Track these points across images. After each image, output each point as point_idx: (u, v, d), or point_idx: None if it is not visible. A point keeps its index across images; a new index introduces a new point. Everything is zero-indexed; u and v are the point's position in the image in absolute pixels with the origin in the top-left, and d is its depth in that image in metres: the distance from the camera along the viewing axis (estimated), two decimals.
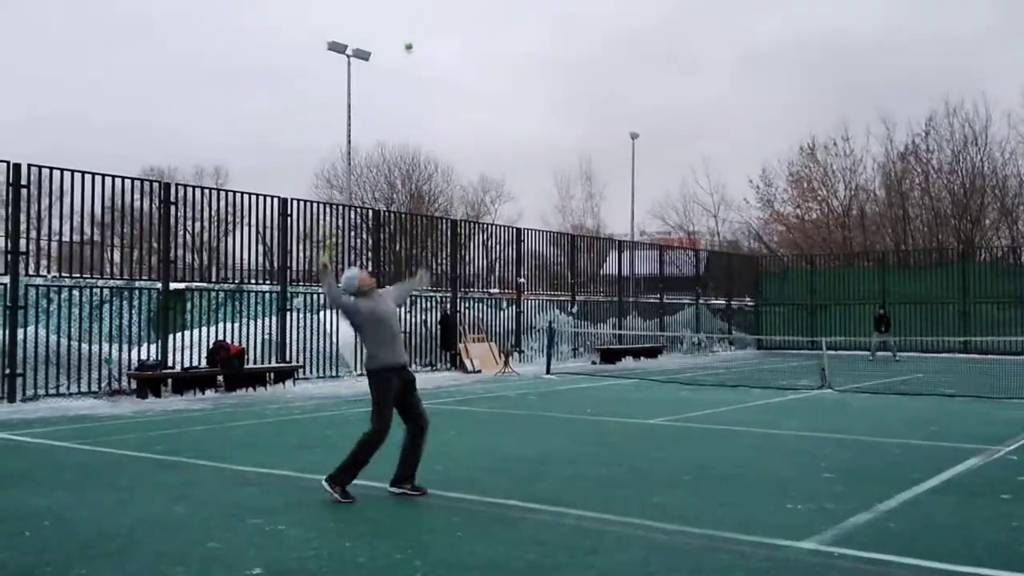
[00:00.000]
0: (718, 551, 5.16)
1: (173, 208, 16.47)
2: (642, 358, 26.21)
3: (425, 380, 18.60)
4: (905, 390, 16.16)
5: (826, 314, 32.64)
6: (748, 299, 34.78)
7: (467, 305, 22.53)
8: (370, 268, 20.77)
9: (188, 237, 18.63)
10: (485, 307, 23.17)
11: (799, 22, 79.61)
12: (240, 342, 16.67)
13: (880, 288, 31.78)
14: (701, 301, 31.97)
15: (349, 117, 32.90)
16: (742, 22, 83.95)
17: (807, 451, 9.00)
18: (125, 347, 15.43)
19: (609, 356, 25.10)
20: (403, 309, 20.50)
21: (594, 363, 24.64)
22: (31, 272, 14.59)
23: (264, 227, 18.06)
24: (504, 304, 23.83)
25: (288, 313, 17.91)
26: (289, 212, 18.23)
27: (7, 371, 13.81)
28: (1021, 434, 10.10)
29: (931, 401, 14.21)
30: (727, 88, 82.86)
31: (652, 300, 29.84)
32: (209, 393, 15.44)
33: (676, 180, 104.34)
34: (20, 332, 14.02)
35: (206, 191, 18.12)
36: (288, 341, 17.78)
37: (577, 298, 26.22)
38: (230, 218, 18.08)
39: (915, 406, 13.46)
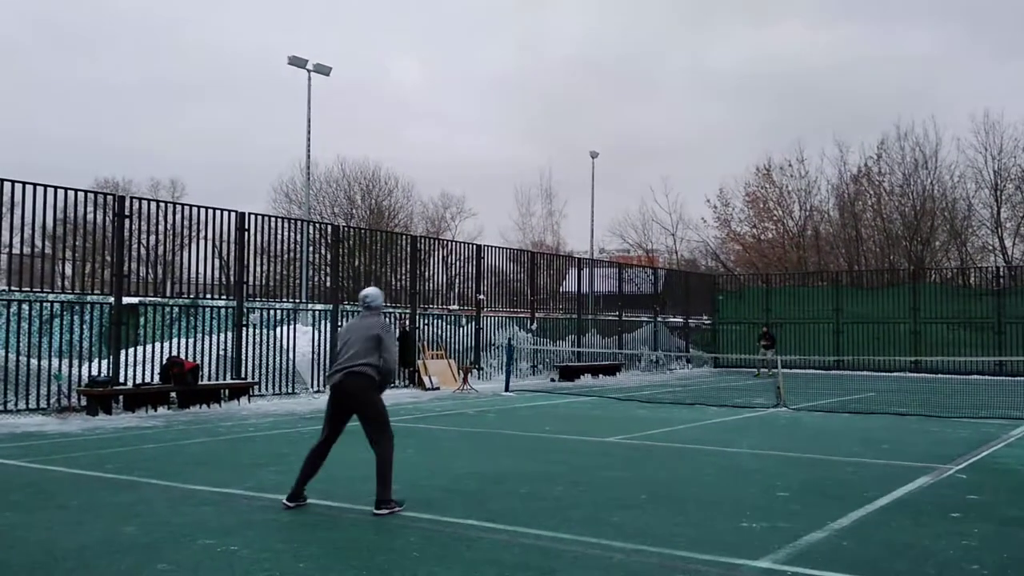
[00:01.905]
0: (674, 570, 5.18)
1: (127, 221, 16.20)
2: (601, 375, 26.31)
3: (383, 397, 18.47)
4: (858, 409, 16.40)
5: (781, 333, 33.07)
6: (705, 317, 35.13)
7: (426, 321, 22.45)
8: (328, 283, 20.61)
9: (142, 251, 18.33)
10: (444, 323, 23.10)
11: (758, 48, 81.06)
12: (194, 358, 16.40)
13: (834, 307, 32.30)
14: (659, 319, 32.22)
15: (309, 132, 32.73)
16: (702, 47, 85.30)
17: (762, 469, 9.09)
18: (75, 363, 15.09)
19: (568, 373, 25.15)
20: None
21: (553, 380, 24.68)
22: None
23: (221, 241, 17.84)
24: (463, 321, 23.78)
25: (244, 329, 17.68)
26: (246, 227, 18.04)
27: None
28: (970, 453, 10.31)
29: (883, 420, 14.45)
30: (686, 110, 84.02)
31: (611, 317, 29.99)
32: (162, 410, 15.16)
33: (635, 199, 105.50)
34: None
35: (161, 204, 17.87)
36: (244, 357, 17.54)
37: (536, 315, 26.27)
38: (186, 232, 17.83)
39: (867, 425, 13.67)
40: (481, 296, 24.32)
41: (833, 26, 79.78)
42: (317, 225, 24.01)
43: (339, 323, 19.61)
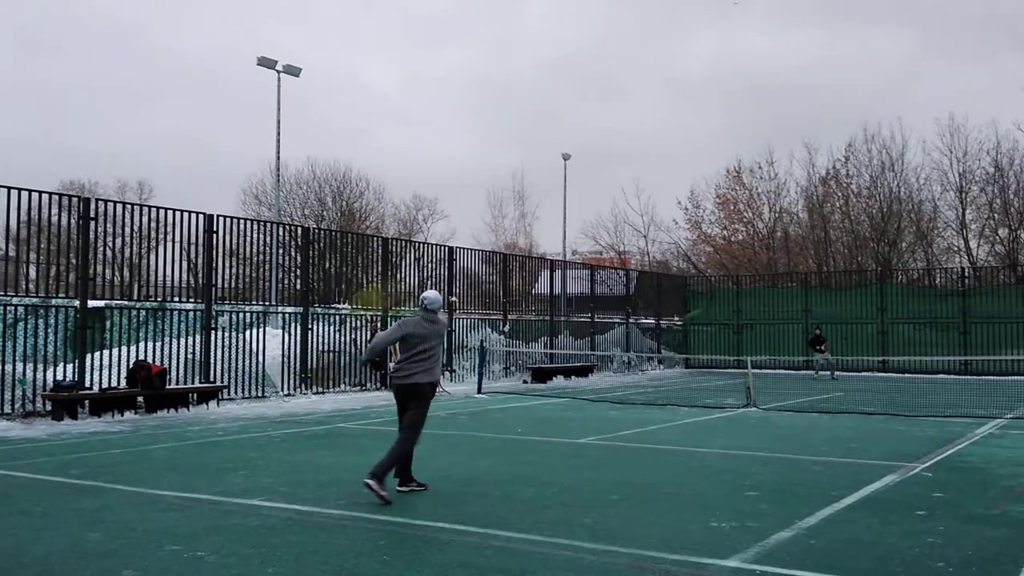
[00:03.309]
0: (644, 570, 5.19)
1: (93, 223, 15.98)
2: (573, 377, 26.36)
3: (354, 400, 18.39)
4: (826, 408, 16.57)
5: (751, 333, 33.34)
6: (677, 318, 35.32)
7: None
8: (299, 286, 20.48)
9: (109, 253, 18.08)
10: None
11: (727, 51, 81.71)
12: (162, 361, 16.22)
13: (803, 308, 32.62)
14: (631, 320, 32.35)
15: (279, 133, 32.51)
16: (673, 50, 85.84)
17: (732, 469, 9.15)
18: (40, 367, 14.84)
19: (540, 375, 25.17)
20: (332, 328, 20.25)
21: (525, 382, 24.68)
22: None
23: (189, 244, 17.65)
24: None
25: (213, 332, 17.51)
26: (215, 228, 17.86)
27: None
28: (935, 451, 10.44)
29: (851, 419, 14.60)
30: (658, 112, 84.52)
31: (583, 319, 30.06)
32: (128, 415, 14.96)
33: (607, 201, 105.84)
34: None
35: (128, 206, 17.65)
36: (212, 361, 17.37)
37: (509, 317, 26.26)
38: (153, 234, 17.62)
39: (835, 424, 13.81)
40: (453, 298, 24.26)
41: (801, 29, 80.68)
42: (287, 227, 23.83)
43: (309, 326, 19.48)
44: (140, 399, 15.42)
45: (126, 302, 16.81)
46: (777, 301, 33.72)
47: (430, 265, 24.41)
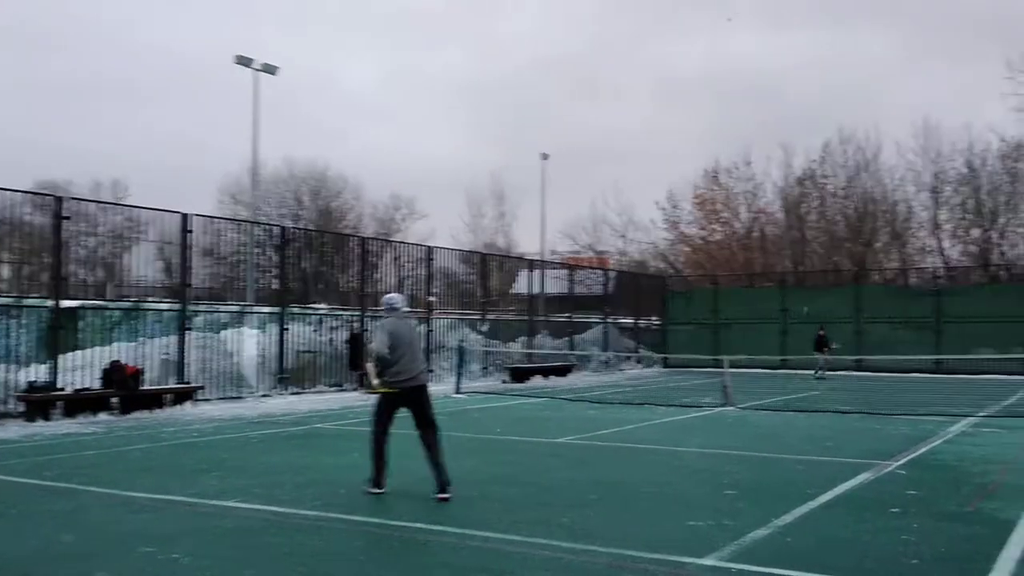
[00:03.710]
0: (622, 569, 5.20)
1: (66, 223, 15.80)
2: (551, 377, 26.36)
3: (331, 400, 18.29)
4: (802, 407, 16.69)
5: (729, 333, 33.49)
6: (655, 318, 35.44)
7: (376, 323, 22.25)
8: (275, 285, 20.36)
9: (82, 253, 17.89)
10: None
11: (709, 54, 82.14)
12: (137, 362, 16.05)
13: (780, 308, 32.82)
14: (609, 320, 32.43)
15: (256, 132, 32.27)
16: (651, 52, 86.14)
17: (709, 468, 9.19)
18: (13, 368, 14.65)
19: (519, 375, 25.16)
20: (309, 328, 20.14)
21: (504, 382, 24.67)
22: None
23: (164, 243, 17.49)
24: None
25: (188, 332, 17.36)
26: (190, 228, 17.71)
27: None
28: (910, 449, 10.55)
29: (827, 418, 14.71)
30: (639, 114, 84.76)
31: (562, 319, 30.10)
32: (103, 416, 14.79)
33: (586, 201, 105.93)
34: None
35: (102, 205, 17.47)
36: (188, 361, 17.22)
37: (488, 317, 26.25)
38: (128, 233, 17.44)
39: (812, 423, 13.91)
40: (432, 298, 24.21)
41: (777, 32, 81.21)
42: (264, 226, 23.68)
43: (286, 326, 19.37)
44: (114, 400, 15.25)
45: (100, 302, 16.66)
46: (754, 301, 33.91)
47: (408, 264, 24.35)
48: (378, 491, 7.57)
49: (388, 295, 8.40)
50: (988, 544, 5.81)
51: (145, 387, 15.84)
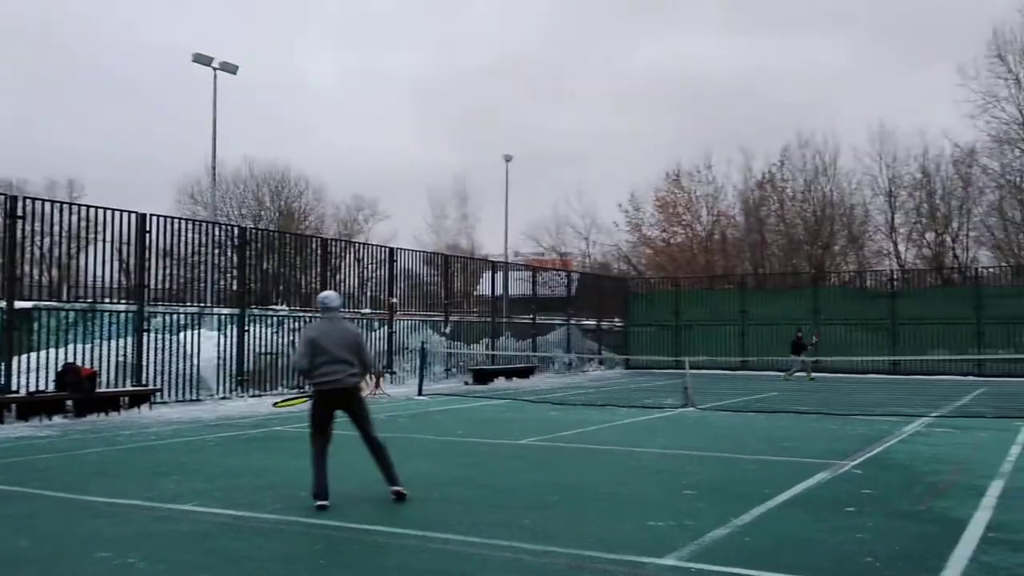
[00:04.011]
0: (582, 570, 5.23)
1: (21, 222, 15.49)
2: (514, 378, 26.39)
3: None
4: (762, 408, 16.89)
5: (690, 334, 33.79)
6: (617, 320, 35.64)
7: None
8: (235, 287, 20.13)
9: (37, 253, 17.52)
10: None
11: (665, 57, 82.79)
12: (93, 364, 15.78)
13: (739, 310, 33.19)
14: (572, 321, 32.54)
15: (215, 131, 31.89)
16: (614, 54, 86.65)
17: (669, 469, 9.27)
18: None
19: (482, 377, 25.15)
20: (269, 330, 19.94)
21: (467, 384, 24.64)
22: None
23: (121, 243, 17.21)
24: (376, 324, 23.54)
25: (146, 334, 17.11)
26: (148, 228, 17.46)
27: None
28: (865, 449, 10.72)
29: (785, 418, 14.91)
30: (601, 115, 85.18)
31: (525, 320, 30.14)
32: (57, 419, 14.53)
33: (549, 202, 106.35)
34: None
35: (57, 205, 17.14)
36: (145, 363, 16.97)
37: (451, 318, 26.21)
38: (84, 233, 17.14)
39: (770, 423, 14.08)
40: (394, 299, 24.12)
41: (737, 36, 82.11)
42: (223, 227, 23.39)
43: (245, 327, 19.18)
44: (69, 403, 14.99)
45: (55, 303, 16.31)
46: (715, 303, 34.25)
47: (371, 266, 24.22)
48: (320, 503, 6.99)
49: (322, 294, 7.91)
50: (940, 543, 5.92)
51: (101, 389, 15.58)
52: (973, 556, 5.55)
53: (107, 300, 17.09)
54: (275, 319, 20.19)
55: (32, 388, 14.84)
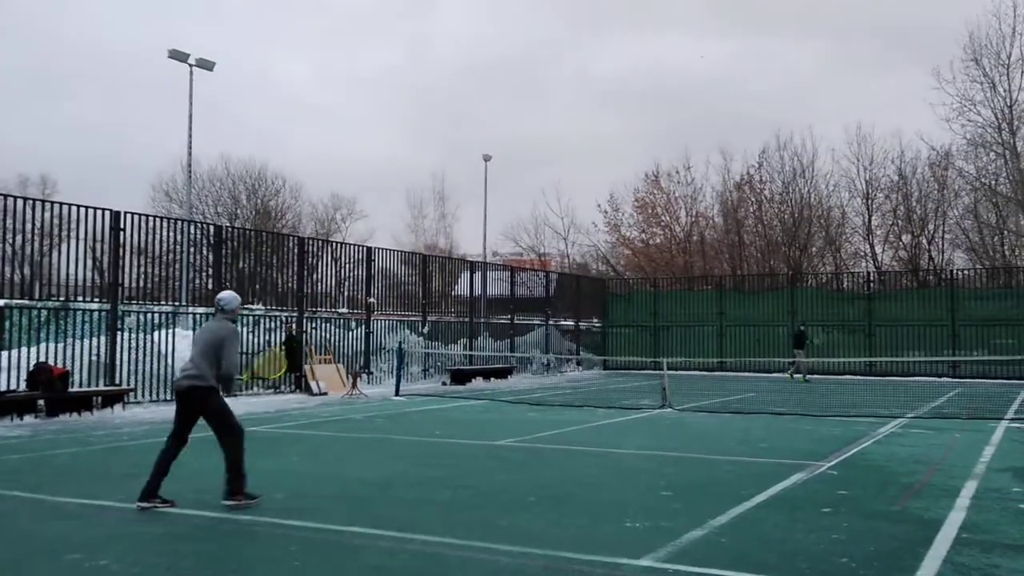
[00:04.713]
0: (559, 571, 5.20)
1: None
2: (492, 379, 26.35)
3: (268, 403, 18.00)
4: (739, 409, 16.96)
5: (668, 335, 33.90)
6: (596, 320, 35.68)
7: (314, 325, 22.00)
8: (210, 286, 19.95)
9: (8, 250, 17.28)
10: (333, 327, 22.70)
11: (644, 57, 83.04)
12: (65, 363, 15.58)
13: (717, 311, 33.34)
14: (551, 322, 32.55)
15: (190, 128, 31.61)
16: (592, 53, 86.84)
17: (647, 469, 9.27)
18: None
19: (460, 377, 25.09)
20: (246, 329, 19.78)
21: (444, 384, 24.57)
22: None
23: (94, 241, 17.00)
24: (353, 324, 23.42)
25: (119, 333, 16.91)
26: (122, 226, 17.27)
27: None
28: (841, 450, 10.78)
29: (762, 419, 14.97)
30: (578, 115, 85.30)
31: (503, 321, 30.11)
32: (28, 419, 14.33)
33: (528, 203, 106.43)
34: None
35: (30, 201, 16.91)
36: (118, 363, 16.77)
37: (428, 318, 26.12)
38: (56, 231, 16.91)
39: (747, 424, 14.13)
40: (372, 299, 24.01)
41: (717, 38, 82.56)
42: (199, 225, 23.20)
43: None
44: (41, 403, 14.78)
45: (27, 301, 16.08)
46: (693, 304, 34.38)
47: (348, 265, 24.11)
48: (146, 505, 6.84)
49: (220, 294, 7.61)
50: (915, 543, 5.95)
51: (73, 389, 15.38)
52: (947, 556, 5.58)
53: (80, 299, 16.88)
54: (251, 318, 20.03)
55: (3, 387, 14.61)
